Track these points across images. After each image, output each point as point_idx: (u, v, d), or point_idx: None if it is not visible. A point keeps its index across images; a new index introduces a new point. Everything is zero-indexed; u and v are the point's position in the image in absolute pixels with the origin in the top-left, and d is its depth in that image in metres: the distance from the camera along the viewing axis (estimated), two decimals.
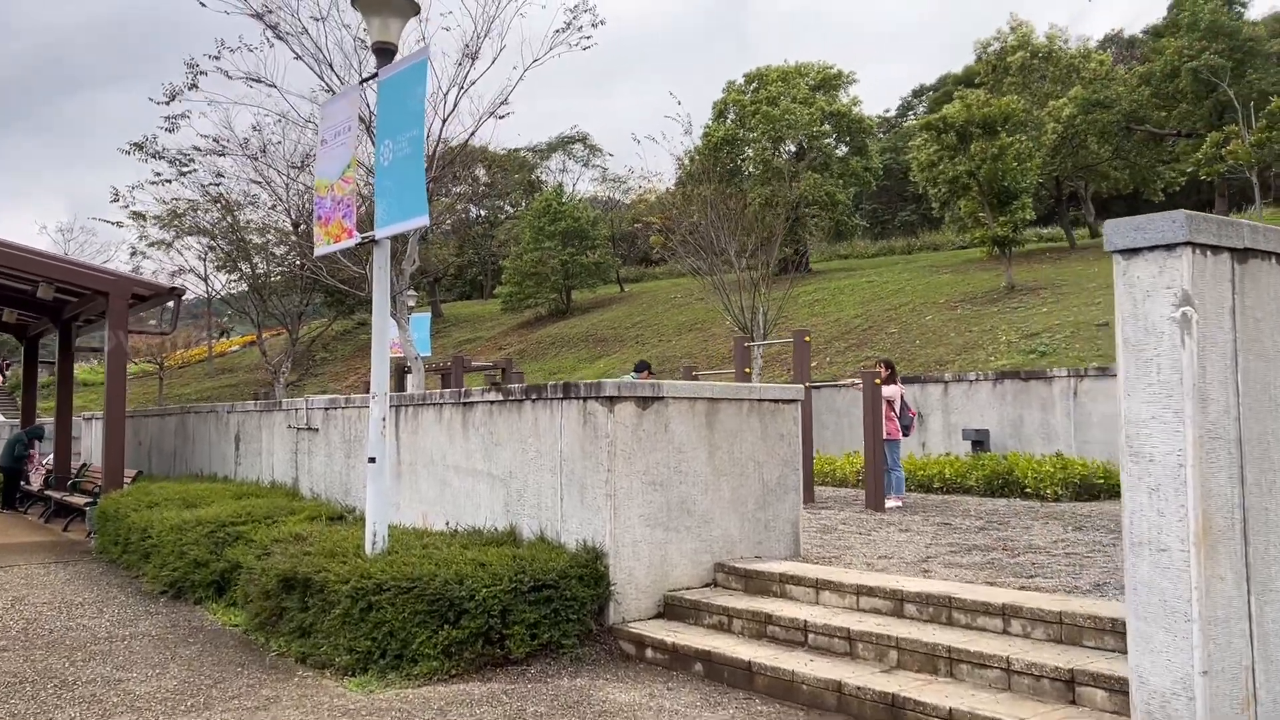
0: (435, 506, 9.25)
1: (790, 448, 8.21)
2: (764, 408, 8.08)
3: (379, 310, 7.37)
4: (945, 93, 65.87)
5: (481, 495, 8.57)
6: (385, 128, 7.25)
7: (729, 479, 7.83)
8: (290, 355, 28.42)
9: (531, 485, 7.95)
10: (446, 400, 9.14)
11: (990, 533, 10.09)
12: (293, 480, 12.45)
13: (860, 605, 6.51)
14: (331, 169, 7.83)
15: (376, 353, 7.34)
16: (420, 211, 6.82)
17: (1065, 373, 15.39)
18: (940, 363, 21.80)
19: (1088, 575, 7.35)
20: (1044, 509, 12.23)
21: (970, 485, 14.28)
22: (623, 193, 57.15)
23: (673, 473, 7.50)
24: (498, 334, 43.99)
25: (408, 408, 9.81)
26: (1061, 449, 15.17)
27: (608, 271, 44.97)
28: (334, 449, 11.41)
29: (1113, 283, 4.60)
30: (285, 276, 29.01)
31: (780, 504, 8.13)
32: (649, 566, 7.30)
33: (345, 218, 7.60)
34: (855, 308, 29.70)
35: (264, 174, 20.07)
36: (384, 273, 7.43)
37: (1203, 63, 28.52)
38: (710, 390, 7.75)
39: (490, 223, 57.23)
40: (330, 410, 11.53)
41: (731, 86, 42.31)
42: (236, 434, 14.48)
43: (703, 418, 7.70)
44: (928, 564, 8.04)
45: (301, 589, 7.31)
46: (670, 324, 34.85)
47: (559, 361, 35.16)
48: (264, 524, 9.78)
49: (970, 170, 26.23)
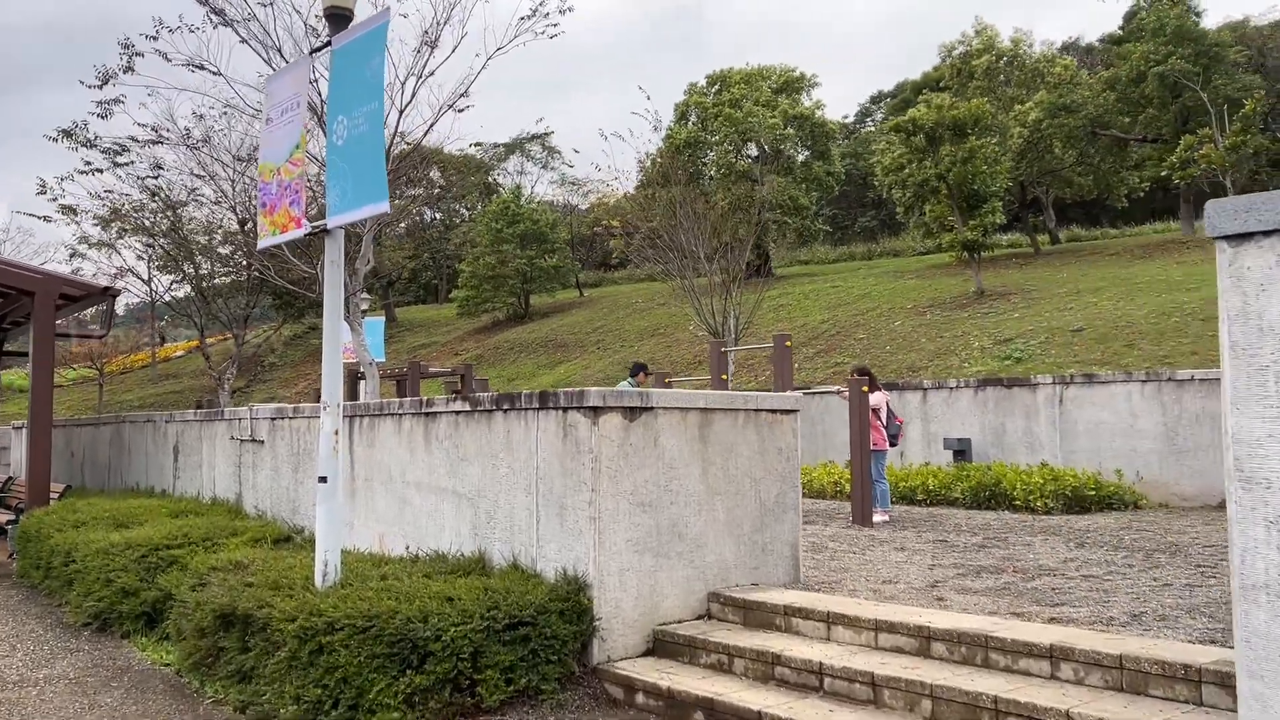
0: (393, 527, 8.38)
1: (789, 463, 7.47)
2: (761, 419, 7.33)
3: (331, 311, 6.50)
4: (903, 99, 65.98)
5: (446, 516, 7.72)
6: (339, 102, 6.39)
7: (724, 498, 7.06)
8: (235, 360, 27.12)
9: (503, 505, 7.12)
10: (407, 410, 8.28)
11: (992, 551, 9.44)
12: (236, 496, 11.47)
13: (880, 643, 5.77)
14: (277, 151, 6.96)
15: (328, 358, 6.47)
16: (379, 196, 5.98)
17: (1050, 380, 14.86)
18: (913, 369, 21.27)
19: (1118, 603, 6.69)
20: (1038, 523, 11.64)
21: (955, 497, 13.68)
22: (581, 196, 56.30)
23: (663, 492, 6.72)
24: (454, 339, 42.91)
25: (363, 418, 8.93)
26: (1046, 458, 14.63)
27: (567, 276, 44.09)
28: (281, 463, 10.47)
29: (1084, 289, 3.89)
30: (231, 278, 27.71)
31: (779, 525, 7.38)
32: (637, 598, 6.51)
33: (293, 205, 6.73)
34: (821, 313, 29.15)
35: (207, 167, 18.92)
36: (336, 268, 6.57)
37: (1169, 67, 28.42)
38: (704, 400, 6.98)
39: (445, 225, 56.06)
40: (277, 420, 10.59)
41: (694, 89, 41.69)
42: (175, 445, 13.44)
43: (695, 430, 6.93)
44: (937, 589, 7.35)
45: (242, 627, 6.41)
46: (632, 329, 34.08)
47: (518, 367, 34.23)
48: (202, 548, 8.85)
49: (940, 173, 25.79)
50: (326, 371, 6.44)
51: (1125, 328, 19.80)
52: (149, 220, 24.94)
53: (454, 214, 58.07)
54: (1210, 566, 8.32)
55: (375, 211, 5.99)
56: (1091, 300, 22.56)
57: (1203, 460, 13.43)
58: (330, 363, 6.47)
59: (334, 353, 6.45)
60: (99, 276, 31.75)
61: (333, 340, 6.49)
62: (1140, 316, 20.20)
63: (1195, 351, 17.70)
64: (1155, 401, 13.87)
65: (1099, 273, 26.33)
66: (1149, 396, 13.93)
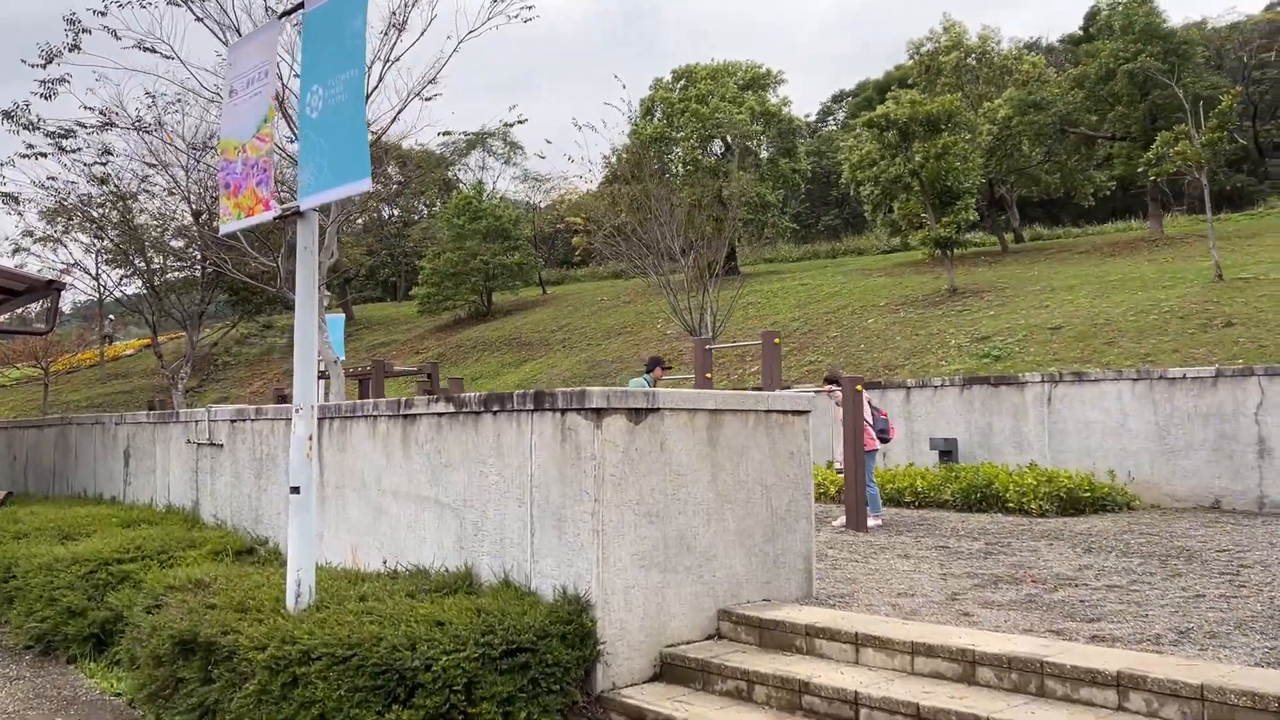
0: (368, 539, 7.73)
1: (801, 468, 6.94)
2: (772, 420, 6.79)
3: (304, 302, 5.85)
4: (866, 98, 66.10)
5: (427, 527, 7.09)
6: (314, 70, 5.75)
7: (734, 507, 6.52)
8: (189, 359, 26.04)
9: (492, 516, 6.51)
10: (382, 412, 7.64)
11: (999, 558, 9.00)
12: (193, 504, 10.72)
13: (917, 668, 5.26)
14: (242, 126, 6.29)
15: (301, 354, 5.82)
16: (360, 174, 5.35)
17: (1038, 378, 14.52)
18: (889, 367, 20.91)
19: (1158, 618, 6.25)
20: (1036, 527, 11.24)
21: (945, 499, 13.27)
22: (544, 193, 55.54)
23: (670, 500, 6.16)
24: (414, 337, 42.00)
25: (333, 420, 8.26)
26: (1035, 459, 14.29)
27: (530, 273, 43.35)
28: (242, 468, 9.75)
29: (1057, 287, 3.43)
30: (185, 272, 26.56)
31: (791, 535, 6.85)
32: (643, 617, 5.94)
33: (260, 185, 6.07)
34: (791, 311, 28.76)
35: (160, 155, 17.97)
36: (310, 255, 5.91)
37: (1139, 65, 28.39)
38: (713, 400, 6.42)
39: (404, 222, 55.01)
40: (237, 423, 9.86)
41: (659, 84, 41.16)
42: (126, 449, 12.63)
43: (704, 433, 6.37)
44: (959, 602, 6.86)
45: (204, 655, 5.75)
46: (598, 327, 33.47)
47: (481, 366, 33.47)
48: (157, 562, 8.14)
49: (913, 169, 25.47)
50: (299, 370, 5.79)
51: (1104, 325, 19.58)
52: (97, 211, 23.79)
53: (413, 210, 57.05)
54: (1233, 574, 7.93)
55: (356, 190, 5.37)
56: (1067, 298, 22.37)
57: (1194, 460, 13.15)
58: (303, 360, 5.82)
59: (307, 348, 5.80)
60: (44, 272, 30.49)
61: (306, 335, 5.84)
62: (1118, 314, 20.00)
63: (1177, 349, 17.50)
64: (1146, 400, 13.56)
65: (1071, 270, 26.21)
66: (1140, 395, 13.63)
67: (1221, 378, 13.04)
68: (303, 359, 5.81)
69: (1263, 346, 16.81)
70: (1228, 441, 12.92)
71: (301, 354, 5.81)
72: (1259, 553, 9.11)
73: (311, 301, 5.82)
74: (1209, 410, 13.09)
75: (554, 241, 54.88)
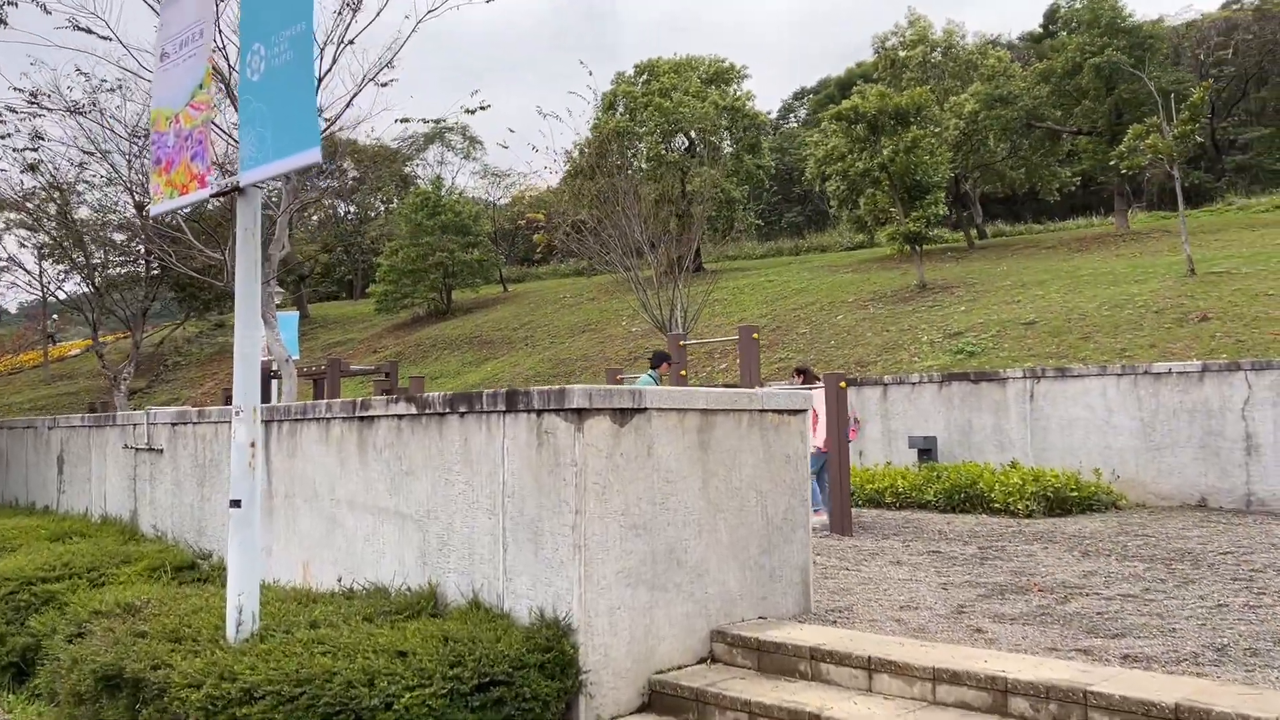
0: (321, 553, 7.05)
1: (797, 472, 6.37)
2: (766, 421, 6.21)
3: (245, 295, 5.17)
4: (827, 94, 66.05)
5: (387, 540, 6.43)
6: (254, 26, 5.07)
7: (727, 516, 5.93)
8: (133, 360, 24.88)
9: (460, 529, 5.87)
10: (336, 414, 6.96)
11: (996, 564, 8.51)
12: (130, 514, 9.94)
13: (939, 696, 4.71)
14: (175, 94, 5.59)
15: (242, 353, 5.14)
16: (309, 142, 4.69)
17: (1020, 373, 14.11)
18: (861, 364, 20.48)
19: (1188, 633, 5.76)
20: (1026, 528, 10.80)
21: (928, 500, 12.80)
22: (503, 189, 54.69)
23: (659, 510, 5.56)
24: (371, 336, 41.02)
25: (282, 423, 7.56)
26: (1017, 457, 13.88)
27: (491, 270, 42.51)
28: (183, 476, 9.00)
29: (1028, 282, 2.94)
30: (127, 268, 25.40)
31: (788, 546, 6.28)
32: (630, 641, 5.34)
33: (196, 159, 5.38)
34: (759, 307, 28.30)
35: (98, 143, 16.99)
36: (251, 238, 5.23)
37: (1105, 59, 28.27)
38: (704, 399, 5.83)
39: (361, 218, 53.92)
40: (178, 426, 9.11)
41: (621, 78, 40.56)
42: (60, 455, 11.78)
43: (694, 436, 5.78)
44: (967, 616, 6.34)
45: (131, 692, 5.06)
46: (562, 325, 32.79)
47: (442, 365, 32.65)
48: (86, 581, 7.39)
49: (882, 163, 25.10)
50: (239, 370, 5.11)
51: (1078, 320, 19.30)
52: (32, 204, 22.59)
53: (369, 207, 55.94)
54: (1247, 580, 7.50)
55: (303, 161, 4.70)
56: (1038, 293, 22.10)
57: (1180, 457, 12.80)
58: (244, 357, 5.14)
59: (249, 347, 5.12)
60: None
61: (247, 330, 5.16)
62: (1092, 309, 19.73)
63: (1154, 344, 17.22)
64: (1131, 396, 13.20)
65: (1040, 266, 26.00)
66: (1124, 391, 13.26)
67: (1208, 373, 12.70)
68: (244, 356, 5.13)
69: (1240, 341, 16.58)
70: (1214, 438, 12.58)
71: (243, 350, 5.13)
72: (1264, 555, 8.71)
73: (253, 291, 5.14)
74: (1195, 406, 12.75)
75: (514, 238, 54.09)
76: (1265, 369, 12.29)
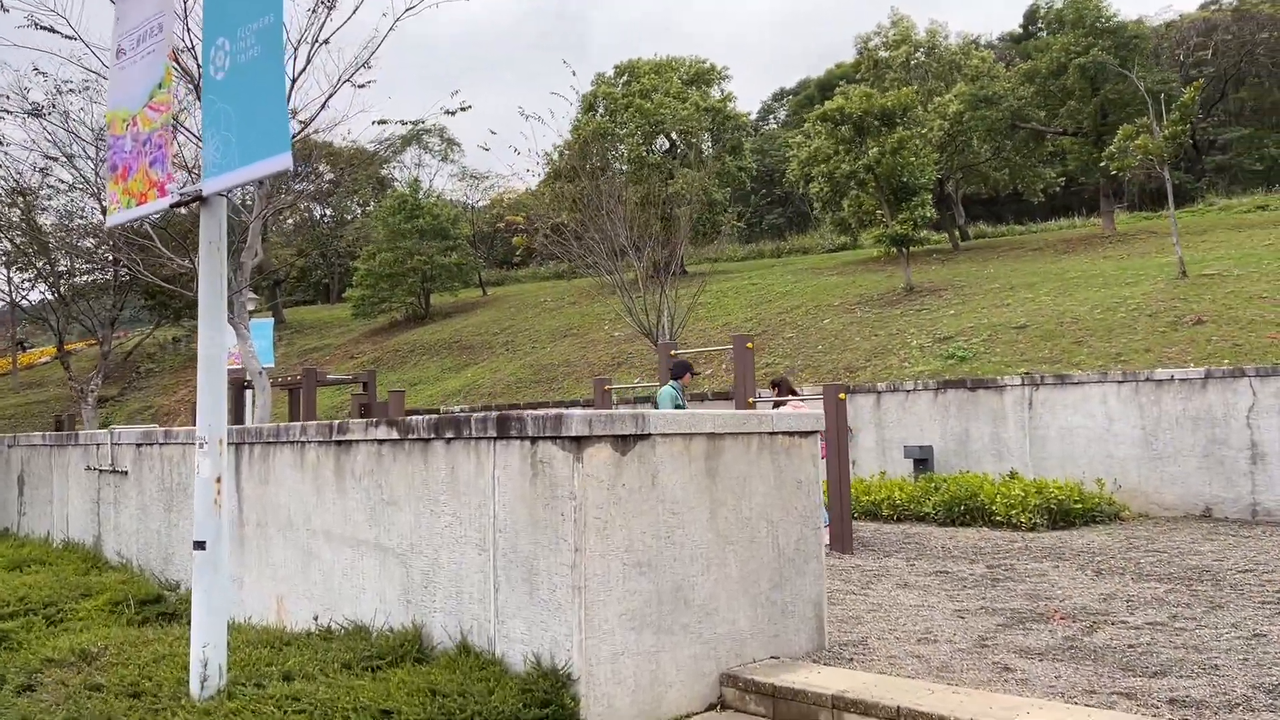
0: (296, 586, 6.57)
1: (810, 499, 5.94)
2: (777, 444, 5.78)
3: (209, 312, 4.69)
4: (807, 95, 65.88)
5: (367, 576, 5.96)
6: (218, 19, 4.60)
7: (736, 549, 5.50)
8: (101, 370, 24.13)
9: (446, 566, 5.41)
10: (312, 437, 6.47)
11: (1008, 585, 8.13)
12: (94, 539, 9.40)
13: None
14: (131, 93, 5.10)
15: (206, 377, 4.65)
16: (279, 146, 4.22)
17: (1018, 381, 13.77)
18: (850, 369, 20.12)
19: (1232, 670, 5.37)
20: (1031, 543, 10.43)
21: (926, 512, 12.42)
22: (482, 191, 54.10)
23: (664, 545, 5.12)
24: (348, 341, 40.35)
25: (253, 446, 7.07)
26: (1016, 467, 13.54)
27: (469, 274, 41.96)
28: (150, 500, 8.47)
29: (1016, 285, 2.63)
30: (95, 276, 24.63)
31: (800, 579, 5.85)
32: (635, 690, 4.90)
33: (155, 165, 4.90)
34: (743, 311, 27.92)
35: (64, 146, 16.36)
36: (216, 252, 4.76)
37: (1091, 58, 28.08)
38: (711, 422, 5.39)
39: (337, 222, 53.16)
40: (144, 447, 8.59)
41: (601, 79, 40.11)
42: (20, 475, 11.21)
43: (701, 463, 5.35)
44: (990, 649, 5.93)
45: None
46: (543, 329, 32.29)
47: (420, 371, 32.07)
48: (43, 618, 6.86)
49: (869, 164, 24.76)
50: (204, 397, 4.63)
51: (1070, 324, 19.01)
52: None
53: (345, 210, 55.22)
54: (1276, 603, 7.14)
55: (273, 168, 4.23)
56: (1028, 296, 21.82)
57: (1184, 466, 12.49)
58: (209, 382, 4.66)
59: (214, 370, 4.64)
60: None
61: (212, 352, 4.68)
62: (1084, 312, 19.45)
63: (1149, 349, 16.95)
64: (1133, 404, 12.88)
65: (1027, 268, 25.75)
66: (1125, 398, 12.94)
67: (1211, 379, 12.40)
68: (209, 382, 4.65)
69: (1237, 345, 16.32)
70: (1218, 447, 12.28)
71: (207, 375, 4.65)
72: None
73: (218, 310, 4.67)
74: (1198, 414, 12.44)
75: (493, 241, 53.50)
76: (1270, 375, 12.00)
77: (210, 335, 4.69)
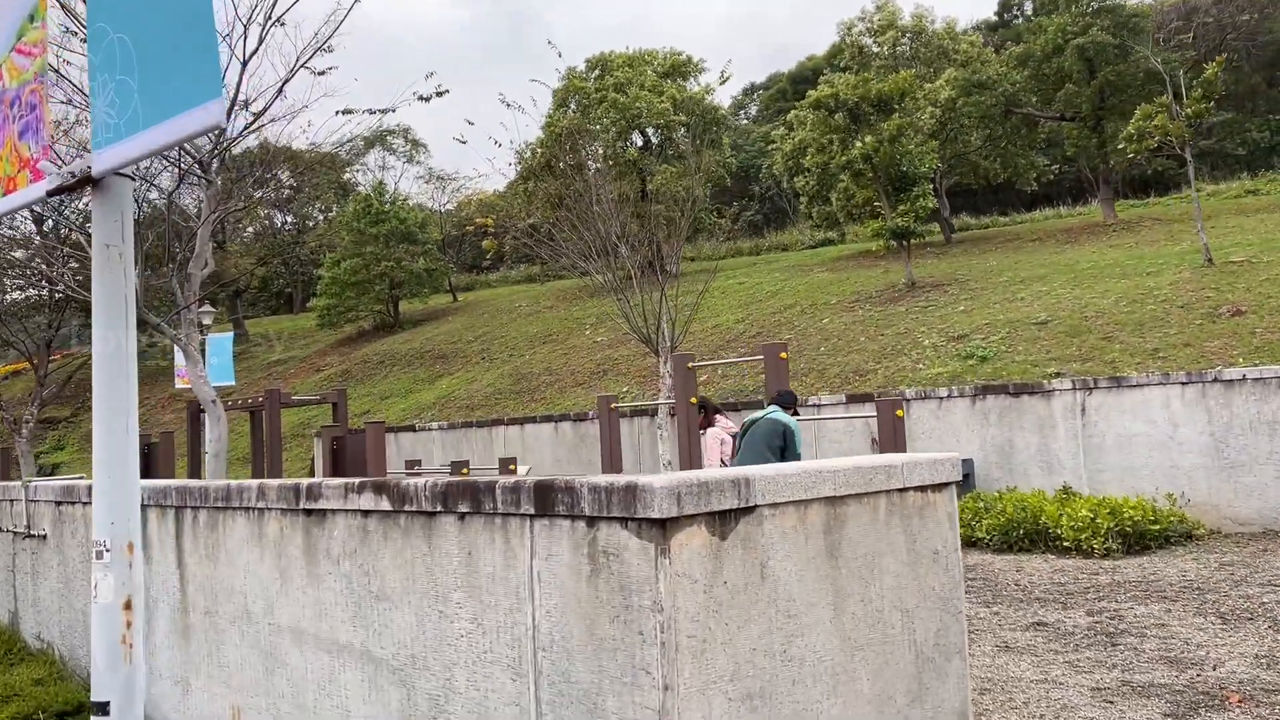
0: (257, 700, 5.01)
1: (949, 575, 4.46)
2: (909, 504, 4.30)
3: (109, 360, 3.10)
4: (779, 89, 64.74)
5: (350, 692, 4.41)
6: None
7: (867, 655, 4.00)
8: (37, 398, 22.18)
9: (463, 689, 3.88)
10: (273, 504, 4.92)
11: (1130, 640, 6.71)
12: (10, 616, 7.75)
13: None
14: None
15: (105, 457, 3.05)
16: (205, 93, 2.66)
17: (1069, 384, 12.41)
18: (859, 372, 18.72)
19: None
20: (1115, 576, 9.04)
21: (979, 537, 11.03)
22: (450, 193, 52.33)
23: (780, 664, 3.62)
24: (314, 353, 38.49)
25: (198, 511, 5.50)
26: (1068, 480, 12.18)
27: (439, 279, 40.22)
28: (73, 572, 6.84)
29: (1026, 277, 1.54)
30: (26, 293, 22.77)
31: (942, 685, 4.37)
32: None
33: (27, 134, 3.33)
34: (733, 312, 26.50)
35: None
36: (116, 260, 3.15)
37: (1090, 38, 26.95)
38: (830, 483, 3.89)
39: (299, 229, 51.20)
40: (64, 506, 6.96)
41: (572, 73, 38.52)
42: None
43: (820, 539, 3.85)
44: None
45: None
46: (519, 336, 30.68)
47: (392, 383, 30.36)
48: None
49: (865, 154, 23.40)
50: (102, 483, 3.04)
51: (1095, 318, 17.73)
52: None
53: (307, 216, 53.26)
54: None
55: (197, 125, 2.67)
56: (1041, 289, 20.55)
57: (1261, 475, 11.18)
58: (110, 464, 3.06)
59: (119, 445, 3.06)
60: None
61: (112, 409, 3.08)
62: (1108, 305, 18.19)
63: (1188, 343, 15.68)
64: (1199, 407, 11.55)
65: (1032, 260, 24.51)
66: (1191, 401, 11.61)
67: None
68: (109, 460, 3.06)
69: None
70: None
71: (107, 451, 3.06)
72: None
73: (122, 351, 3.09)
74: (1275, 417, 11.13)
75: (461, 244, 51.77)
76: None
77: (110, 387, 3.10)
